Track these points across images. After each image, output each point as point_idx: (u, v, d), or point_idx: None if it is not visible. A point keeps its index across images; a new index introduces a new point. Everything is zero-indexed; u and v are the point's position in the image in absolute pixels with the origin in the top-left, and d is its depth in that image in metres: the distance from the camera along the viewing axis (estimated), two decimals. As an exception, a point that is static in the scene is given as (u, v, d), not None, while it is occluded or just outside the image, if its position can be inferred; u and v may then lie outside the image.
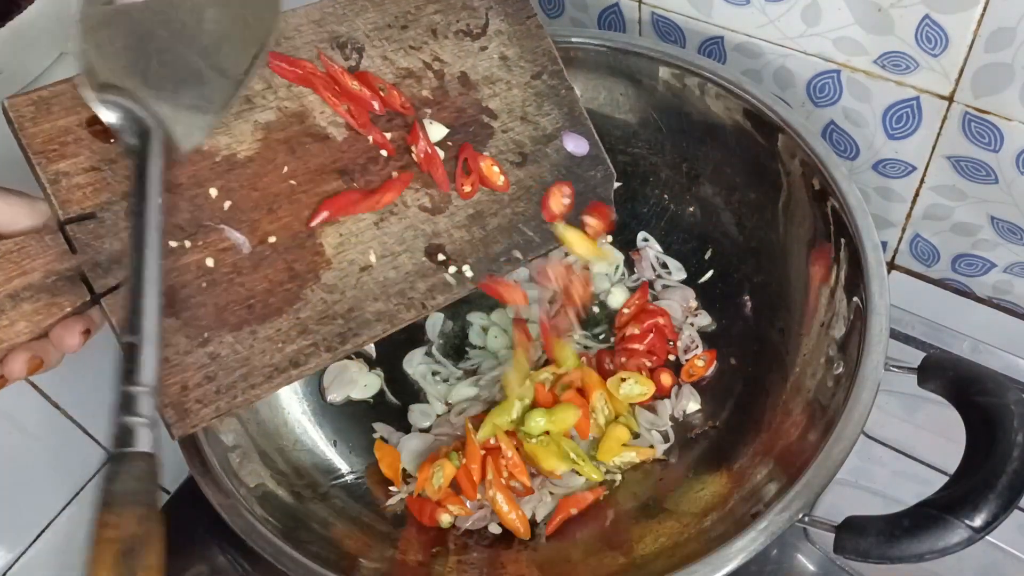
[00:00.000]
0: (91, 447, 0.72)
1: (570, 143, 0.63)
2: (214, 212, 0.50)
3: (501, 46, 0.61)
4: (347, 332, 0.52)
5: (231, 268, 0.50)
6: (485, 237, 0.58)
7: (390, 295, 0.54)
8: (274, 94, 0.54)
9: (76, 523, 0.71)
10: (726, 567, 0.49)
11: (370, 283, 0.54)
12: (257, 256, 0.51)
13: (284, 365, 0.50)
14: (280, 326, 0.51)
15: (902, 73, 0.66)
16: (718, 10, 0.71)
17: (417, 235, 0.56)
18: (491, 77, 0.60)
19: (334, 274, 0.53)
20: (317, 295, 0.52)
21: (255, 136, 0.52)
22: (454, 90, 0.59)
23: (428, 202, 0.57)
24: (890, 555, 0.46)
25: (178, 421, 0.47)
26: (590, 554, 0.60)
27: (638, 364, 0.68)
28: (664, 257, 0.76)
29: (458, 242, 0.57)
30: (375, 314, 0.53)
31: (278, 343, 0.50)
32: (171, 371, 0.47)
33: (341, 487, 0.66)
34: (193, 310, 0.48)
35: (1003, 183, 0.67)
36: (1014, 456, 0.46)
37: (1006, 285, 0.75)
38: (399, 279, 0.54)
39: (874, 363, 0.54)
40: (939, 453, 0.68)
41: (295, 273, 0.52)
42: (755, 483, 0.57)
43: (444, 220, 0.57)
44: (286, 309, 0.51)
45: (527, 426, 0.64)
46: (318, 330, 0.52)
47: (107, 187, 0.47)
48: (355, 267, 0.53)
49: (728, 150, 0.72)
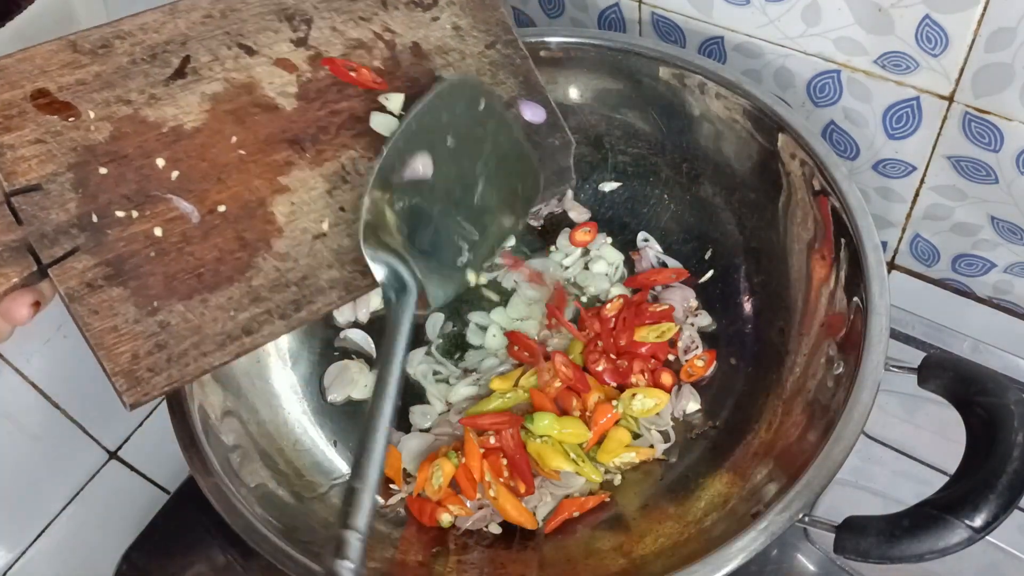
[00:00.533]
0: (91, 447, 0.72)
1: (527, 111, 0.63)
2: (162, 182, 0.51)
3: (453, 16, 0.61)
4: (301, 299, 0.53)
5: (180, 237, 0.50)
6: None
7: (344, 263, 0.54)
8: (221, 65, 0.54)
9: (76, 523, 0.71)
10: (726, 567, 0.49)
11: (324, 251, 0.54)
12: (207, 225, 0.51)
13: (236, 333, 0.51)
14: (232, 294, 0.51)
15: (902, 73, 0.66)
16: (718, 10, 0.71)
17: None
18: (444, 47, 0.61)
19: (286, 242, 0.53)
20: (269, 263, 0.52)
21: (202, 107, 0.53)
22: (406, 60, 0.59)
23: None
24: (890, 555, 0.46)
25: (129, 389, 0.47)
26: (590, 554, 0.60)
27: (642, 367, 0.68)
28: (664, 257, 0.76)
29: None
30: (330, 281, 0.54)
31: (230, 311, 0.51)
32: (120, 340, 0.48)
33: (341, 487, 0.66)
34: (142, 279, 0.49)
35: (1003, 183, 0.67)
36: (1014, 456, 0.46)
37: (1006, 285, 0.75)
38: (353, 247, 0.54)
39: (874, 363, 0.54)
40: (939, 453, 0.68)
41: (246, 242, 0.52)
42: (755, 483, 0.57)
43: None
44: (237, 277, 0.51)
45: (534, 424, 0.64)
46: (271, 297, 0.52)
47: (52, 159, 0.48)
48: (308, 235, 0.54)
49: (728, 150, 0.72)
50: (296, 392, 0.70)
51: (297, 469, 0.65)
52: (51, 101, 0.48)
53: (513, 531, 0.63)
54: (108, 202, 0.49)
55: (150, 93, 0.52)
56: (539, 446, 0.64)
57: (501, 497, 0.63)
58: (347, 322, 0.75)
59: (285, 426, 0.67)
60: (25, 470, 0.67)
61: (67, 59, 0.50)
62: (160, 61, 0.53)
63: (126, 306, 0.48)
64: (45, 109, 0.48)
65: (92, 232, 0.48)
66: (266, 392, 0.68)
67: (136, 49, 0.52)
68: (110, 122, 0.50)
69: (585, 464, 0.64)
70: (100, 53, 0.51)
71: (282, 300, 0.52)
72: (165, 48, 0.53)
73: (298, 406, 0.69)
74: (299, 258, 0.53)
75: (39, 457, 0.68)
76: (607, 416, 0.65)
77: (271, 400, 0.68)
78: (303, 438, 0.68)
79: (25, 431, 0.66)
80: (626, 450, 0.65)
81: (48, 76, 0.49)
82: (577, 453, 0.65)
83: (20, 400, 0.65)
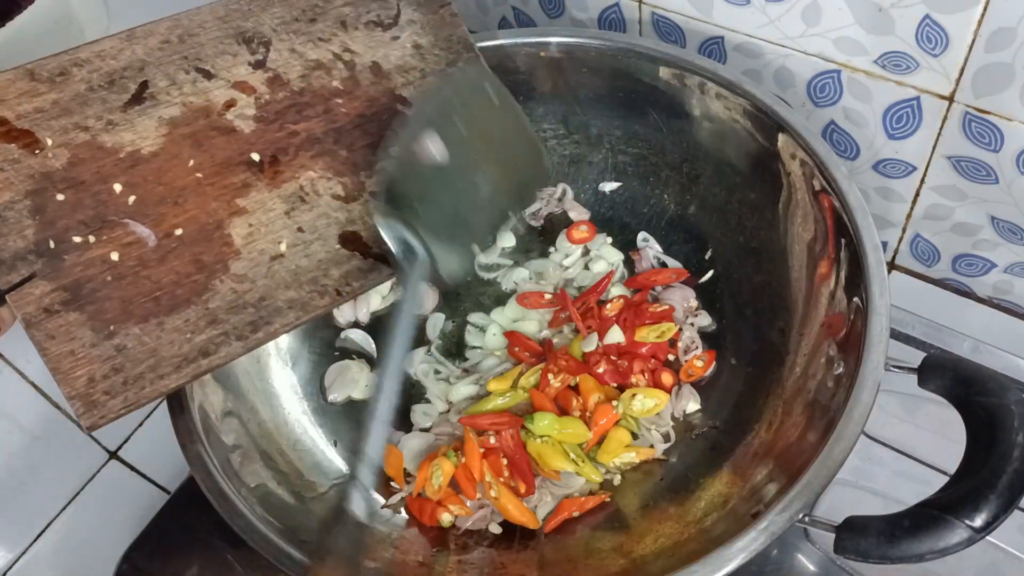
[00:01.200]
0: (91, 447, 0.72)
1: None
2: (119, 207, 0.51)
3: (414, 35, 0.62)
4: (259, 320, 0.53)
5: (137, 261, 0.51)
6: None
7: (302, 283, 0.55)
8: (179, 90, 0.54)
9: (76, 523, 0.71)
10: (726, 567, 0.49)
11: (282, 272, 0.54)
12: (163, 249, 0.52)
13: (193, 355, 0.51)
14: (188, 316, 0.52)
15: (902, 73, 0.66)
16: (718, 10, 0.71)
17: (330, 223, 0.56)
18: (404, 66, 0.61)
19: (244, 264, 0.53)
20: (227, 285, 0.53)
21: (159, 132, 0.53)
22: (366, 79, 0.60)
23: (341, 190, 0.57)
24: (890, 555, 0.46)
25: (86, 412, 0.48)
26: (590, 554, 0.60)
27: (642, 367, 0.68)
28: (664, 257, 0.76)
29: (373, 228, 0.57)
30: (287, 302, 0.54)
31: (187, 334, 0.51)
32: (77, 363, 0.48)
33: (341, 487, 0.66)
34: (99, 304, 0.50)
35: (1003, 183, 0.67)
36: (1014, 456, 0.46)
37: (1006, 285, 0.75)
38: (312, 267, 0.55)
39: (874, 363, 0.54)
40: (939, 453, 0.68)
41: (203, 264, 0.53)
42: (755, 483, 0.57)
43: (359, 207, 0.57)
44: (194, 300, 0.52)
45: (534, 424, 0.64)
46: (228, 319, 0.53)
47: (10, 187, 0.49)
48: (265, 256, 0.54)
49: (728, 150, 0.72)
50: (296, 392, 0.70)
51: (297, 469, 0.65)
52: (9, 130, 0.49)
53: (513, 531, 0.64)
54: (65, 228, 0.50)
55: (108, 119, 0.52)
56: (539, 446, 0.64)
57: (503, 497, 0.63)
58: (347, 322, 0.75)
59: (285, 426, 0.67)
60: (25, 470, 0.67)
61: (25, 88, 0.50)
62: (118, 87, 0.53)
63: (83, 330, 0.49)
64: (3, 138, 0.49)
65: (49, 258, 0.49)
66: (266, 392, 0.68)
67: (93, 76, 0.52)
68: (68, 149, 0.51)
69: (585, 464, 0.64)
70: (58, 81, 0.51)
71: (239, 322, 0.53)
72: (122, 74, 0.53)
73: (298, 406, 0.69)
74: (257, 279, 0.54)
75: (39, 457, 0.68)
76: (607, 416, 0.65)
77: (271, 400, 0.68)
78: (303, 438, 0.68)
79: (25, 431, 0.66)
80: (626, 450, 0.65)
81: (6, 105, 0.50)
82: (577, 453, 0.65)
83: (20, 400, 0.65)
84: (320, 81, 0.58)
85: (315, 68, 0.58)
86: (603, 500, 0.64)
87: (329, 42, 0.59)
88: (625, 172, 0.78)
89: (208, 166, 0.54)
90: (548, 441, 0.65)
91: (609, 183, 0.79)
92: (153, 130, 0.53)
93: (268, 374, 0.69)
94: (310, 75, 0.58)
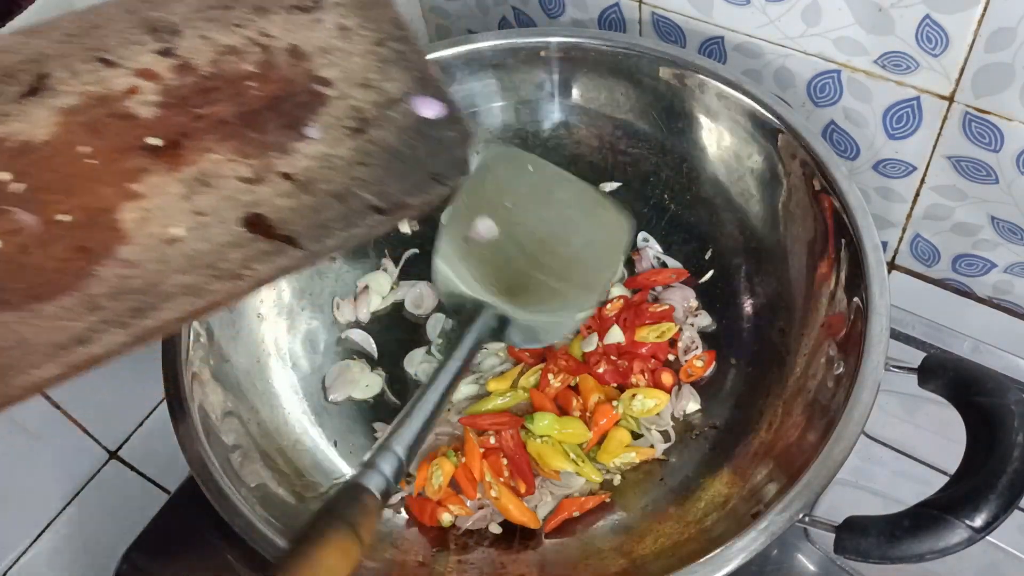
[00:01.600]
0: (91, 447, 0.72)
1: (422, 106, 0.62)
2: (5, 196, 0.50)
3: (339, 17, 0.59)
4: (145, 307, 0.50)
5: (18, 249, 0.49)
6: (316, 203, 0.55)
7: (198, 267, 0.52)
8: (78, 80, 0.53)
9: (76, 523, 0.71)
10: (726, 567, 0.49)
11: (176, 256, 0.52)
12: (47, 236, 0.50)
13: (67, 343, 0.49)
14: (65, 303, 0.49)
15: (902, 73, 0.66)
16: (718, 10, 0.71)
17: (234, 206, 0.54)
18: (327, 47, 0.59)
19: (133, 249, 0.51)
20: (111, 271, 0.50)
21: (53, 120, 0.52)
22: (283, 62, 0.57)
23: (249, 172, 0.55)
24: (890, 555, 0.46)
25: None
26: (590, 554, 0.60)
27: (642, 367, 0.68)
28: (664, 257, 0.76)
29: (282, 210, 0.54)
30: (180, 287, 0.51)
31: (62, 320, 0.49)
32: None
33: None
34: None
35: (1003, 183, 0.67)
36: (1014, 456, 0.46)
37: (1006, 285, 0.75)
38: (209, 250, 0.52)
39: (874, 363, 0.54)
40: (939, 453, 0.68)
41: (86, 250, 0.50)
42: (755, 483, 0.57)
43: (266, 189, 0.55)
44: (75, 285, 0.50)
45: (534, 424, 0.64)
46: (110, 306, 0.50)
47: None
48: (157, 241, 0.52)
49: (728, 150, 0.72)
50: (296, 392, 0.70)
51: (298, 469, 0.65)
52: None
53: (513, 531, 0.64)
54: None
55: (1, 111, 0.51)
56: (539, 446, 0.65)
57: (503, 497, 0.63)
58: (348, 322, 0.75)
59: (285, 426, 0.67)
60: (25, 470, 0.67)
61: None
62: (15, 80, 0.52)
63: None
64: None
65: None
66: (266, 392, 0.68)
67: None
68: None
69: (585, 464, 0.64)
70: None
71: (121, 308, 0.50)
72: (20, 68, 0.52)
73: (298, 406, 0.69)
74: (146, 264, 0.51)
75: (39, 457, 0.68)
76: (607, 416, 0.65)
77: (271, 400, 0.68)
78: (303, 438, 0.68)
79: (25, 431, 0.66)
80: (626, 450, 0.65)
81: None
82: (577, 453, 0.65)
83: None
84: (232, 65, 0.56)
85: (227, 53, 0.56)
86: (603, 500, 0.64)
87: (245, 28, 0.57)
88: (625, 172, 0.78)
89: (103, 152, 0.52)
90: (548, 441, 0.65)
91: (609, 183, 0.79)
92: (46, 118, 0.51)
93: (268, 374, 0.69)
94: (221, 60, 0.56)
